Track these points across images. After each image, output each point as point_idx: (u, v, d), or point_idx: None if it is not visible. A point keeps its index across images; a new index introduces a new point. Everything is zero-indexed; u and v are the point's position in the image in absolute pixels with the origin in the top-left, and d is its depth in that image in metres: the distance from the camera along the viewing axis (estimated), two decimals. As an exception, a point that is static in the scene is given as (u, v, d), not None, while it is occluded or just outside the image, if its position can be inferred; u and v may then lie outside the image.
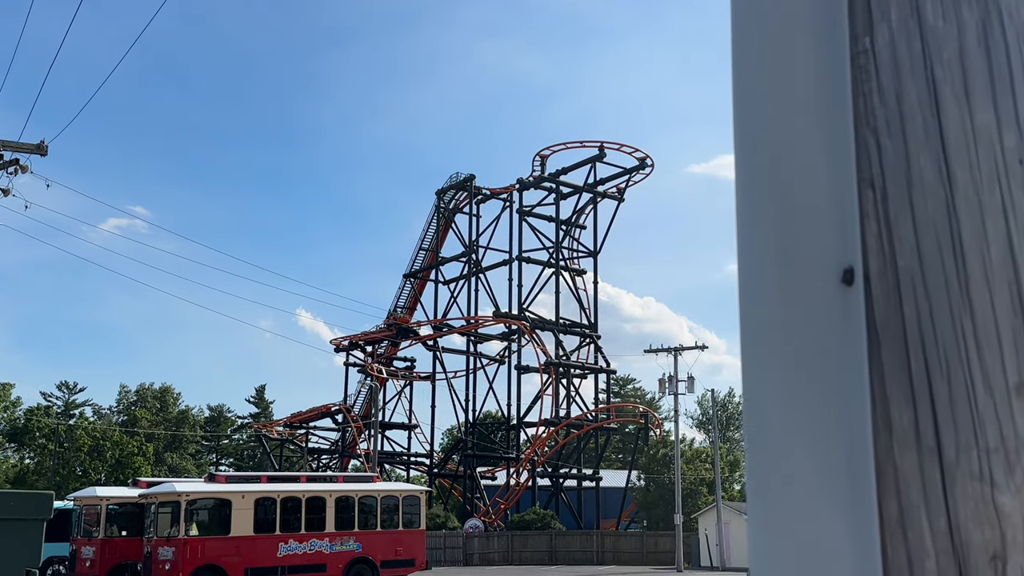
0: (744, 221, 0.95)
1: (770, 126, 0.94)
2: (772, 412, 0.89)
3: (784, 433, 0.88)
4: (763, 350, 0.91)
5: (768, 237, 0.92)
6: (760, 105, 0.95)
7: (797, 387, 0.88)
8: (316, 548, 28.43)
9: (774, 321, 0.90)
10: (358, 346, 64.88)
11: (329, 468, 64.02)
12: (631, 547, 50.15)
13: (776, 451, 0.88)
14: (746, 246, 0.95)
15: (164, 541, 26.39)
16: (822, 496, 0.84)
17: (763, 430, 0.90)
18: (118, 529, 29.24)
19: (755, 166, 0.95)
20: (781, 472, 0.87)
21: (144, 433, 70.99)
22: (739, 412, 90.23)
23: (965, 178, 0.85)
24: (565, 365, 59.51)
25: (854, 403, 0.85)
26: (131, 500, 29.14)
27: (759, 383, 0.91)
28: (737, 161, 0.98)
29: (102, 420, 76.05)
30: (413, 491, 32.31)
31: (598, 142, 61.17)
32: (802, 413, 0.87)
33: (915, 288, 0.84)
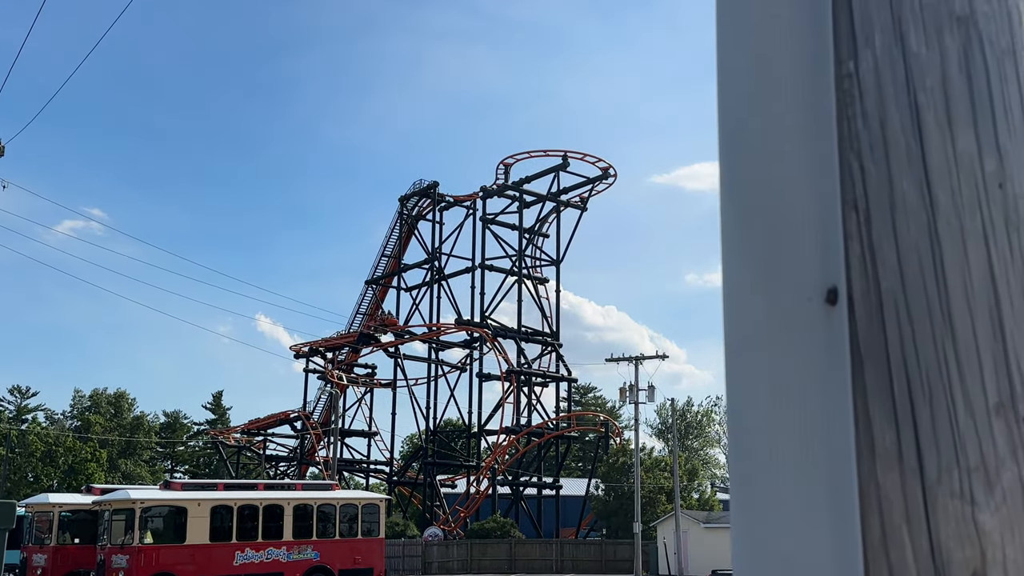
0: (729, 240, 0.96)
1: (755, 147, 0.95)
2: (755, 431, 0.90)
3: (767, 453, 0.89)
4: (747, 369, 0.92)
5: (753, 256, 0.93)
6: (745, 125, 0.96)
7: (780, 406, 0.89)
8: (273, 556, 28.10)
9: (758, 340, 0.91)
10: (318, 352, 64.36)
11: (287, 476, 63.33)
12: (590, 555, 50.26)
13: (759, 471, 0.89)
14: (731, 264, 0.96)
15: (118, 549, 25.91)
16: (805, 516, 0.85)
17: (746, 450, 0.90)
18: (71, 536, 28.65)
19: (740, 186, 0.96)
20: (764, 492, 0.88)
21: (98, 439, 69.66)
22: (698, 421, 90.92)
23: (947, 203, 0.87)
24: (526, 373, 59.58)
25: (837, 423, 0.86)
26: (84, 507, 28.58)
27: (743, 402, 0.92)
28: (722, 180, 0.99)
29: (55, 425, 74.53)
30: (372, 499, 32.09)
31: (562, 151, 61.49)
32: (785, 433, 0.88)
33: (898, 310, 0.86)
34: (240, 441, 64.64)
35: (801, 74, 0.94)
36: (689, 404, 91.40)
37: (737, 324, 0.93)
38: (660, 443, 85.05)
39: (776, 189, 0.92)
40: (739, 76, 0.98)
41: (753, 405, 0.90)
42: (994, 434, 0.82)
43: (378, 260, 67.37)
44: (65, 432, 70.64)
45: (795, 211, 0.91)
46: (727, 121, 0.98)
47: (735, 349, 0.93)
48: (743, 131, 0.96)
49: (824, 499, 0.84)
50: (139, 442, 77.64)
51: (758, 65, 0.96)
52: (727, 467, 10.08)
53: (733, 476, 0.92)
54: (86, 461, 66.13)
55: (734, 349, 0.93)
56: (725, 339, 0.95)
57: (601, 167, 62.22)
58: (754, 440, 0.90)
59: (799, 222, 0.91)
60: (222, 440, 65.06)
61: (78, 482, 58.77)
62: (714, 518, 46.89)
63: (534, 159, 62.69)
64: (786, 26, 0.95)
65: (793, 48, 0.94)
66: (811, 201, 0.91)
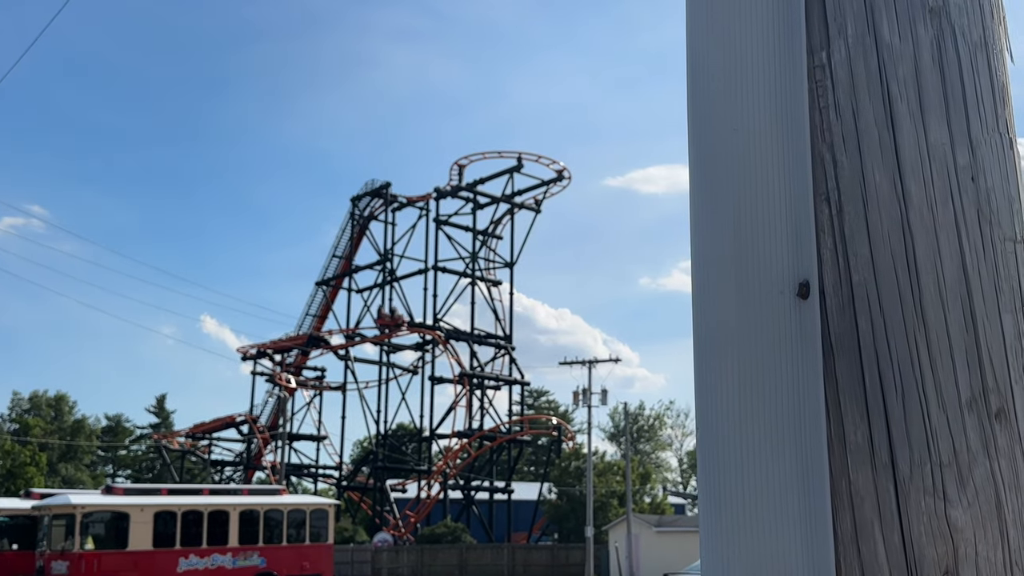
0: (698, 234, 0.94)
1: (725, 139, 0.93)
2: (725, 427, 0.88)
3: (738, 449, 0.87)
4: (717, 364, 0.90)
5: (723, 250, 0.91)
6: (715, 117, 0.95)
7: (751, 402, 0.87)
8: (218, 563, 27.61)
9: (728, 334, 0.89)
10: (266, 355, 63.49)
11: (233, 480, 62.35)
12: (542, 560, 50.32)
13: (729, 467, 0.87)
14: (700, 259, 0.94)
15: (58, 555, 25.24)
16: (776, 512, 0.83)
17: (716, 445, 0.89)
18: (8, 542, 27.85)
19: (710, 179, 0.94)
20: (734, 488, 0.86)
21: (37, 442, 67.86)
22: (650, 425, 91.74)
23: (919, 195, 0.86)
24: (479, 376, 59.50)
25: (809, 418, 0.84)
26: (23, 512, 27.80)
27: (712, 398, 0.90)
28: (692, 173, 0.97)
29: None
30: (321, 504, 31.73)
31: (516, 153, 61.56)
32: (756, 428, 0.86)
33: (870, 303, 0.85)
34: (184, 445, 63.47)
35: (772, 65, 0.92)
36: (641, 408, 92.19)
37: (707, 319, 0.92)
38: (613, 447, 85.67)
39: (747, 182, 0.91)
40: (710, 67, 0.96)
41: (723, 400, 0.89)
42: (966, 429, 0.81)
43: (329, 261, 66.71)
44: (3, 435, 68.69)
45: (766, 204, 0.90)
46: (697, 112, 0.97)
47: (704, 344, 0.91)
48: (713, 123, 0.95)
49: (795, 494, 0.83)
50: (80, 446, 75.84)
51: (729, 55, 0.94)
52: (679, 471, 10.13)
53: (702, 472, 0.90)
54: (25, 465, 64.36)
55: (703, 344, 0.91)
56: (694, 334, 0.93)
57: (556, 169, 62.46)
58: (724, 436, 0.88)
59: (770, 215, 0.89)
60: (166, 444, 63.81)
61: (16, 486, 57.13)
62: (666, 522, 47.28)
63: (488, 160, 62.66)
64: (757, 16, 0.94)
65: (764, 38, 0.93)
66: (783, 194, 0.89)
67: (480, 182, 63.38)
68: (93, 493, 31.09)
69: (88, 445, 78.43)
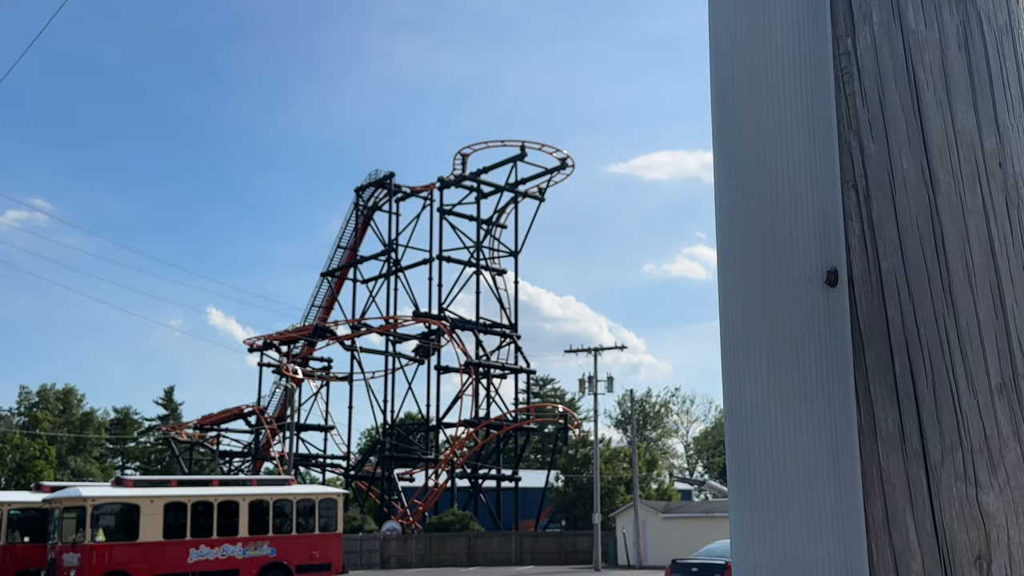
0: (724, 222, 0.94)
1: (751, 127, 0.93)
2: (754, 416, 0.88)
3: (767, 437, 0.87)
4: (745, 353, 0.90)
5: (750, 239, 0.92)
6: (741, 106, 0.95)
7: (780, 390, 0.87)
8: (228, 553, 27.74)
9: (756, 323, 0.90)
10: (273, 346, 63.64)
11: (241, 471, 62.62)
12: (549, 547, 50.50)
13: (759, 456, 0.87)
14: (726, 247, 0.94)
15: (69, 547, 25.38)
16: (807, 500, 0.84)
17: (745, 434, 0.89)
18: (20, 535, 28.01)
19: (736, 168, 0.94)
20: (764, 477, 0.86)
21: (46, 436, 68.20)
22: (656, 412, 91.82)
23: (947, 181, 0.86)
24: (485, 365, 59.58)
25: (839, 405, 0.85)
26: (34, 505, 27.95)
27: (741, 386, 0.90)
28: (716, 162, 0.97)
29: (1, 422, 72.77)
30: (330, 494, 31.85)
31: (519, 141, 61.47)
32: (786, 417, 0.87)
33: (899, 290, 0.85)
34: (193, 437, 63.73)
35: (798, 52, 0.92)
36: (648, 395, 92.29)
37: (734, 308, 0.92)
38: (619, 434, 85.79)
39: (773, 170, 0.91)
40: (733, 55, 0.96)
41: (751, 390, 0.89)
42: (997, 414, 0.82)
43: (333, 252, 66.76)
44: (12, 429, 69.02)
45: (793, 192, 0.90)
46: (721, 101, 0.97)
47: (732, 333, 0.91)
48: (738, 111, 0.95)
49: (826, 482, 0.83)
50: (89, 439, 76.19)
51: (753, 43, 0.94)
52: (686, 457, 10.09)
53: (731, 461, 0.91)
54: (34, 458, 64.68)
55: (730, 333, 0.92)
56: (721, 323, 0.94)
57: (559, 157, 62.35)
58: (753, 425, 0.88)
59: (797, 203, 0.89)
60: (174, 436, 64.07)
61: (26, 480, 57.45)
62: (673, 508, 47.38)
63: (492, 149, 62.57)
64: (781, 3, 0.94)
65: (789, 25, 0.93)
66: (810, 181, 0.89)
67: (484, 171, 63.26)
68: (103, 485, 31.24)
69: (97, 438, 78.79)
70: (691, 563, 21.81)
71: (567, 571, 43.51)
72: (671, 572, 21.99)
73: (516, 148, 63.19)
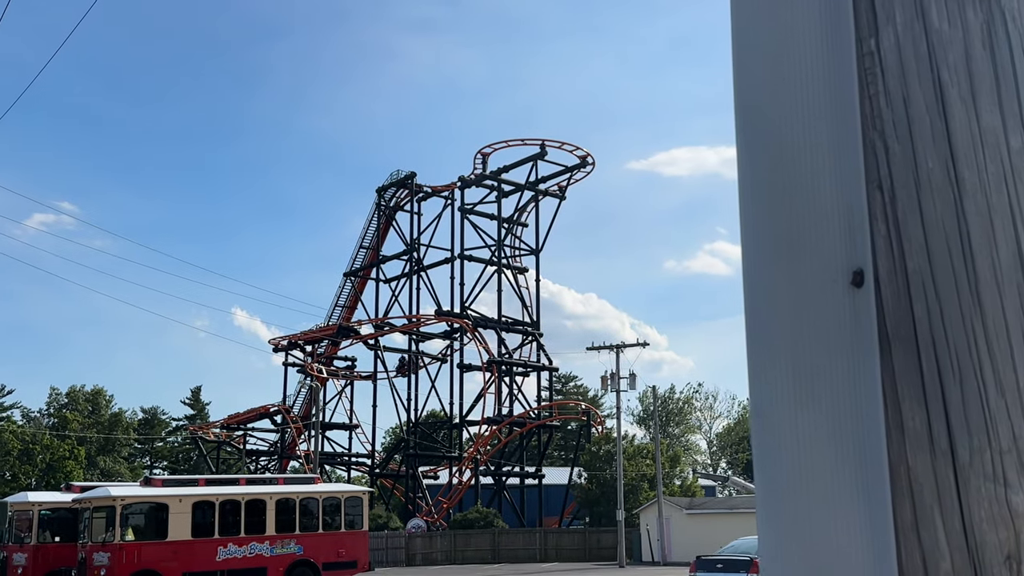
0: (748, 223, 0.95)
1: (774, 128, 0.94)
2: (781, 417, 0.89)
3: (794, 438, 0.88)
4: (771, 354, 0.90)
5: (775, 240, 0.92)
6: (763, 106, 0.95)
7: (807, 391, 0.87)
8: (256, 551, 27.98)
9: (782, 324, 0.90)
10: (297, 345, 64.05)
11: (268, 470, 63.07)
12: (574, 544, 50.49)
13: (786, 456, 0.88)
14: (751, 248, 0.94)
15: (99, 547, 25.71)
16: (835, 500, 0.84)
17: (771, 435, 0.89)
18: (51, 535, 28.41)
19: (760, 168, 0.94)
20: (792, 477, 0.87)
21: (76, 436, 69.03)
22: (679, 408, 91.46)
23: (973, 180, 0.86)
24: (507, 363, 59.63)
25: (866, 406, 0.85)
26: (64, 505, 28.33)
27: (767, 388, 0.90)
28: (740, 163, 0.97)
29: (31, 423, 73.74)
30: (355, 492, 32.02)
31: (539, 140, 61.42)
32: (812, 417, 0.87)
33: (925, 290, 0.85)
34: (220, 436, 64.26)
35: (821, 53, 0.92)
36: (671, 391, 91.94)
37: (759, 309, 0.92)
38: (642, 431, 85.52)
39: (797, 171, 0.91)
40: (756, 56, 0.96)
41: (777, 390, 0.89)
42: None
43: (356, 252, 67.06)
44: (42, 430, 69.91)
45: (818, 193, 0.90)
46: (744, 103, 0.97)
47: (757, 334, 0.92)
48: (761, 113, 0.95)
49: (854, 483, 0.83)
50: (117, 439, 77.03)
51: (776, 44, 0.95)
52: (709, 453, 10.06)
53: (758, 461, 0.91)
54: (64, 459, 65.50)
55: (756, 334, 0.92)
56: (746, 324, 0.94)
57: (579, 155, 62.23)
58: (779, 425, 0.89)
59: (822, 204, 0.89)
60: (201, 436, 64.64)
61: (56, 480, 58.18)
62: (697, 504, 47.20)
63: (512, 148, 62.58)
64: (804, 3, 0.94)
65: (812, 26, 0.93)
66: (834, 182, 0.89)
67: (504, 170, 63.26)
68: (132, 485, 31.60)
69: (125, 438, 79.65)
70: (716, 559, 21.72)
71: (592, 568, 43.44)
72: (696, 568, 21.91)
73: (536, 147, 63.11)
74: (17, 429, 67.86)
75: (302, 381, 63.40)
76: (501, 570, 42.44)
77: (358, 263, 67.11)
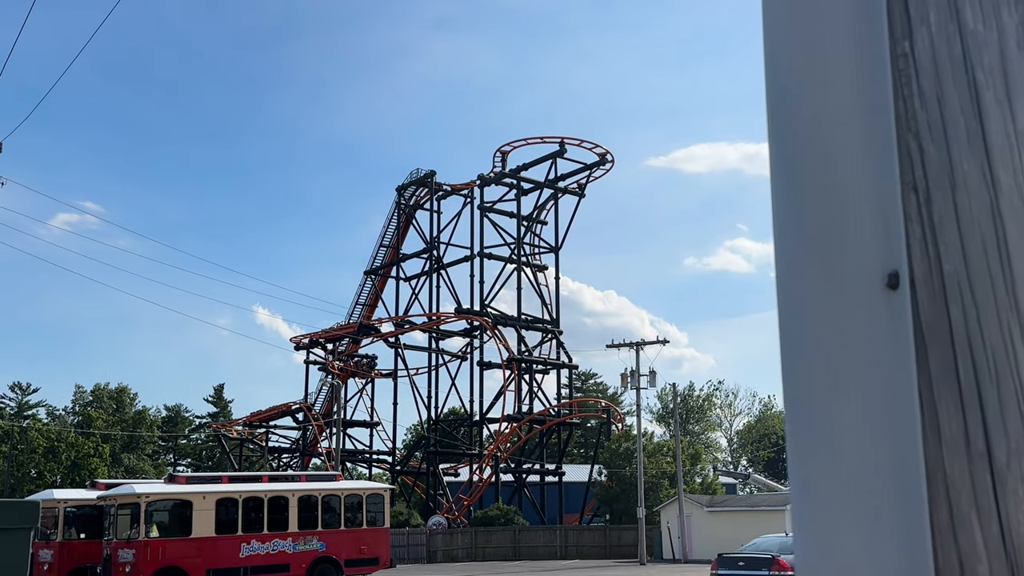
0: (782, 226, 0.95)
1: (808, 131, 0.93)
2: (815, 420, 0.89)
3: (829, 442, 0.87)
4: (805, 357, 0.90)
5: (808, 242, 0.92)
6: (797, 109, 0.95)
7: (842, 394, 0.87)
8: (279, 548, 28.18)
9: (816, 327, 0.90)
10: (318, 344, 64.38)
11: (290, 467, 63.46)
12: (594, 541, 50.45)
13: (820, 460, 0.88)
14: (785, 251, 0.94)
15: (124, 543, 25.97)
16: (871, 503, 0.84)
17: (806, 439, 0.89)
18: (76, 532, 28.73)
19: (793, 170, 0.94)
20: (827, 480, 0.87)
21: (100, 434, 69.73)
22: (699, 405, 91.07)
23: (1009, 182, 0.86)
24: (527, 361, 59.63)
25: (902, 410, 0.84)
26: (89, 502, 28.64)
27: (801, 390, 0.90)
28: (773, 163, 0.97)
29: (56, 421, 74.57)
30: (377, 489, 32.16)
31: (558, 138, 61.34)
32: (847, 421, 0.87)
33: (961, 292, 0.84)
34: (242, 434, 64.73)
35: (855, 54, 0.92)
36: (690, 388, 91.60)
37: (793, 312, 0.92)
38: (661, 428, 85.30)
39: (831, 173, 0.91)
40: (789, 58, 0.96)
41: (812, 394, 0.89)
42: (1064, 417, 0.81)
43: (376, 250, 67.31)
44: (67, 428, 70.68)
45: (852, 194, 0.90)
46: (777, 105, 0.97)
47: (791, 337, 0.92)
48: (794, 115, 0.95)
49: (890, 487, 0.83)
50: (141, 436, 77.75)
51: (809, 46, 0.94)
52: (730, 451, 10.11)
53: (793, 465, 0.91)
54: (89, 456, 66.19)
55: (790, 337, 0.92)
56: (780, 327, 0.94)
57: (599, 153, 62.11)
58: (814, 429, 0.89)
59: (856, 206, 0.89)
60: (224, 433, 65.15)
61: (81, 477, 58.85)
62: (718, 502, 47.01)
63: (531, 146, 62.57)
64: (837, 4, 0.93)
65: (845, 27, 0.92)
66: (869, 184, 0.89)
67: (523, 168, 63.23)
68: (156, 482, 31.91)
69: (149, 435, 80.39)
70: (738, 557, 21.63)
71: (612, 565, 43.38)
72: (717, 566, 21.83)
73: (555, 144, 63.06)
74: (43, 427, 68.67)
75: (323, 379, 63.74)
76: (522, 567, 42.48)
77: (378, 261, 67.34)
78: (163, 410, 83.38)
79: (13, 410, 75.49)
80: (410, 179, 65.51)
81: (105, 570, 26.58)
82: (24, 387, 76.30)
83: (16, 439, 65.54)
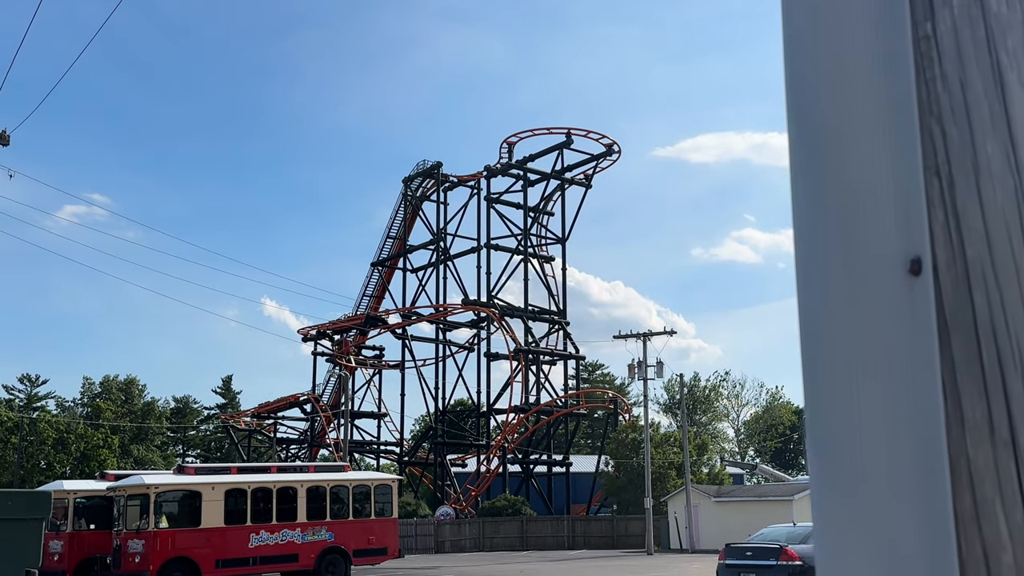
0: (802, 212, 0.93)
1: (829, 115, 0.92)
2: (836, 407, 0.88)
3: (849, 429, 0.87)
4: (826, 345, 0.89)
5: (828, 228, 0.91)
6: (817, 94, 0.93)
7: (863, 382, 0.86)
8: (288, 538, 28.29)
9: (836, 314, 0.89)
10: (326, 335, 64.49)
11: (298, 458, 63.67)
12: (601, 531, 50.54)
13: (841, 448, 0.87)
14: (804, 237, 0.93)
15: (134, 534, 26.10)
16: (893, 491, 0.83)
17: (826, 426, 0.88)
18: (86, 522, 28.88)
19: (813, 156, 0.93)
20: (848, 469, 0.86)
21: (109, 425, 70.06)
22: (706, 396, 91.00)
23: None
24: (534, 352, 59.64)
25: (925, 397, 0.83)
26: (99, 493, 28.77)
27: (822, 378, 0.89)
28: (792, 149, 0.96)
29: (66, 413, 74.92)
30: (385, 480, 32.24)
31: (565, 129, 61.19)
32: (868, 408, 0.86)
33: (985, 278, 0.83)
34: (251, 425, 64.94)
35: (876, 37, 0.91)
36: (697, 379, 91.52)
37: (813, 298, 0.91)
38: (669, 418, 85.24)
39: (852, 157, 0.90)
40: (809, 41, 0.95)
41: (833, 380, 0.88)
42: (1090, 404, 0.80)
43: (383, 242, 67.33)
44: (76, 419, 71.02)
45: (873, 179, 0.88)
46: (796, 88, 0.95)
47: (811, 325, 0.91)
48: (815, 100, 0.93)
49: (913, 475, 0.82)
50: (150, 428, 78.09)
51: (829, 29, 0.93)
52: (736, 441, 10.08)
53: (812, 452, 0.90)
54: (98, 447, 66.53)
55: (810, 325, 0.91)
56: (799, 315, 0.93)
57: (605, 143, 61.93)
58: (834, 416, 0.88)
59: (878, 191, 0.88)
60: (233, 424, 65.36)
61: (91, 468, 59.17)
62: (725, 492, 47.02)
63: (537, 137, 62.42)
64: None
65: (867, 9, 0.91)
66: (890, 168, 0.88)
67: (530, 159, 63.13)
68: (165, 473, 32.05)
69: (158, 427, 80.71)
70: (745, 547, 21.63)
71: (620, 555, 43.46)
72: (725, 556, 21.83)
73: (562, 135, 62.90)
74: (52, 418, 68.98)
75: (331, 370, 63.86)
76: (529, 557, 42.58)
77: (385, 253, 67.37)
78: (172, 401, 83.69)
79: (23, 402, 75.85)
80: (417, 170, 65.46)
81: (115, 560, 26.73)
82: (33, 379, 76.65)
83: (26, 431, 65.88)
